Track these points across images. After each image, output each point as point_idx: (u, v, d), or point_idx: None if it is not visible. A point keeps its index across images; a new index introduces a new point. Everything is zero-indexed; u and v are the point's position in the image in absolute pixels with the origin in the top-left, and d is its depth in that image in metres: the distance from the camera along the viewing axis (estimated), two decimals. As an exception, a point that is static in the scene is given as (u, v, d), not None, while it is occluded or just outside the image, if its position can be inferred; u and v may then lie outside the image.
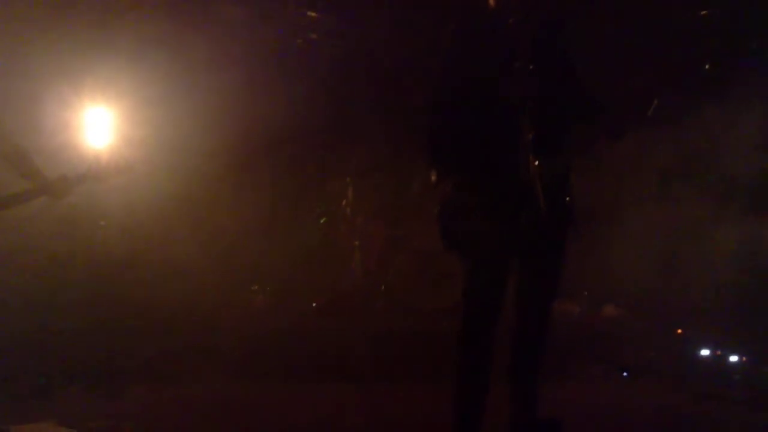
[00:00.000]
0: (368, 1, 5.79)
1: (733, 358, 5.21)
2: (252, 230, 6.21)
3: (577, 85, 3.07)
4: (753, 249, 5.52)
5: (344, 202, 6.48)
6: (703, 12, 6.11)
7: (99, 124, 5.63)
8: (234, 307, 5.89)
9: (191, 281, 5.66)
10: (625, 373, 4.93)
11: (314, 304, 6.20)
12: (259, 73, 5.98)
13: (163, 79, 5.58)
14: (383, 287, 6.22)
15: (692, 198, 5.74)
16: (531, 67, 2.84)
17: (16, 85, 5.07)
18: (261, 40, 5.92)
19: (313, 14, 6.26)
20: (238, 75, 5.83)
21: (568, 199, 2.99)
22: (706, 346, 5.31)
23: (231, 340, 5.07)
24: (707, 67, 6.06)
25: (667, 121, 5.79)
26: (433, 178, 2.99)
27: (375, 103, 6.32)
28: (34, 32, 5.17)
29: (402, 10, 5.88)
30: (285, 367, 4.87)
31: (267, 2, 5.94)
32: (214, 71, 5.58)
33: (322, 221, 6.54)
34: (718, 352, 5.29)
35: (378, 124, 6.29)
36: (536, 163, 2.79)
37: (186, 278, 5.66)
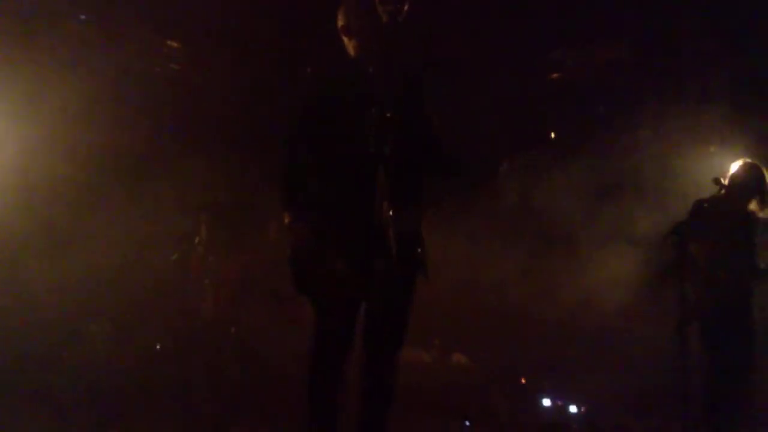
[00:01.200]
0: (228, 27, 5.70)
1: (573, 409, 5.40)
2: (97, 265, 5.85)
3: (432, 135, 3.11)
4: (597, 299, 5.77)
5: (197, 240, 6.26)
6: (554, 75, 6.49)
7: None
8: (75, 342, 5.55)
9: (32, 312, 5.28)
10: (467, 422, 4.99)
11: (158, 346, 5.90)
12: (115, 95, 5.72)
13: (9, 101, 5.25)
14: (233, 330, 6.02)
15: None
16: (388, 115, 2.86)
17: None
18: (118, 65, 5.68)
19: (175, 44, 6.09)
20: (91, 97, 5.55)
21: (419, 248, 3.01)
22: (547, 396, 5.48)
23: (68, 378, 4.76)
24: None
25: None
26: (286, 220, 2.92)
27: (233, 137, 6.21)
28: None
29: (267, 46, 5.85)
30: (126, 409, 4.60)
31: (126, 30, 5.72)
32: (61, 92, 5.28)
33: (174, 257, 6.26)
34: (559, 402, 5.47)
35: (236, 160, 6.17)
36: (390, 211, 2.80)
37: (28, 309, 5.28)
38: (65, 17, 5.61)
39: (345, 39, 3.09)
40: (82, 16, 5.65)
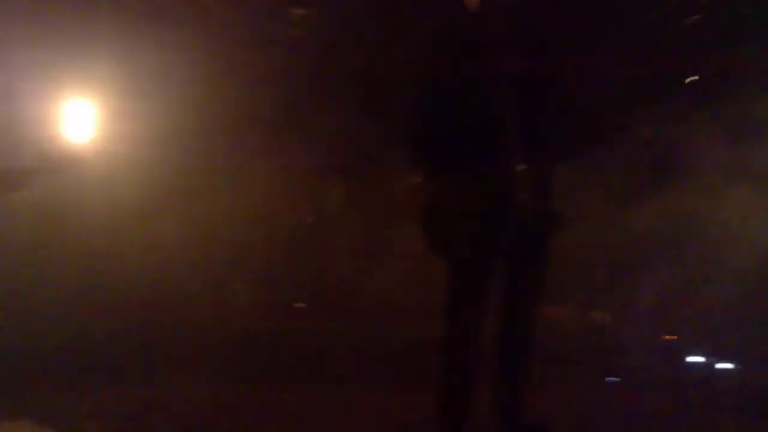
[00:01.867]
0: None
1: (724, 366, 5.18)
2: (237, 228, 6.13)
3: (561, 90, 3.02)
4: (744, 253, 5.48)
5: (331, 200, 6.42)
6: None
7: (81, 117, 5.59)
8: (216, 306, 5.80)
9: (171, 279, 5.59)
10: (612, 379, 4.90)
11: (299, 305, 6.14)
12: (247, 71, 5.91)
13: (148, 74, 5.51)
14: (369, 289, 6.15)
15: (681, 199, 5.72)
16: (516, 74, 2.80)
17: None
18: (249, 39, 5.85)
19: (300, 11, 6.19)
20: (225, 73, 5.77)
21: (551, 203, 2.98)
22: (694, 353, 5.29)
23: (212, 339, 5.01)
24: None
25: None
26: (417, 179, 2.97)
27: (361, 103, 6.26)
28: (17, 26, 5.10)
29: (389, 11, 5.82)
30: (267, 369, 4.79)
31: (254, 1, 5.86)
32: (201, 68, 5.50)
33: (308, 220, 6.47)
34: (709, 359, 5.26)
35: (365, 125, 6.23)
36: (520, 167, 2.79)
37: (166, 276, 5.59)
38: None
39: None
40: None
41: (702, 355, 5.27)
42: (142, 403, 4.09)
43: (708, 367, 5.23)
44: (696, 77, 5.94)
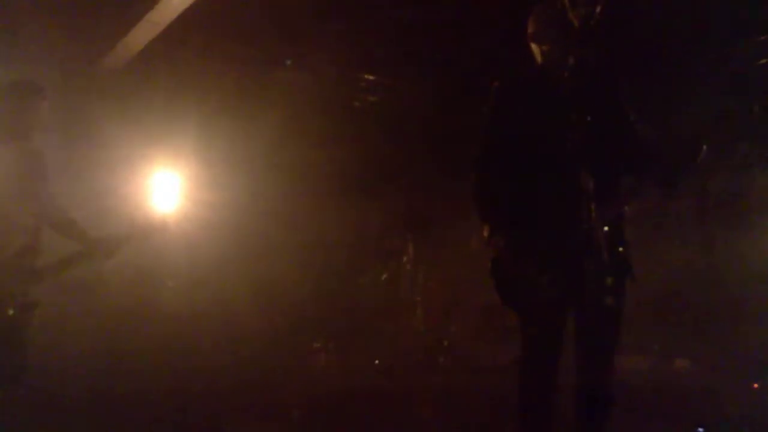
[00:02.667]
0: (418, 60, 5.90)
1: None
2: (314, 290, 6.27)
3: (630, 133, 3.06)
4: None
5: (405, 259, 6.51)
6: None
7: (167, 187, 5.85)
8: (297, 365, 5.93)
9: (256, 340, 5.72)
10: (701, 429, 4.73)
11: (377, 362, 6.18)
12: (319, 135, 6.14)
13: (227, 143, 5.78)
14: (446, 343, 6.17)
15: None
16: (588, 119, 2.86)
17: (89, 152, 5.35)
18: (319, 103, 6.09)
19: (371, 77, 6.41)
20: (299, 137, 6.00)
21: (622, 248, 2.94)
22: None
23: (295, 399, 5.07)
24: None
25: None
26: (485, 233, 2.97)
27: (432, 158, 6.40)
28: (104, 103, 5.42)
29: (453, 67, 5.98)
30: (349, 427, 4.82)
31: (329, 69, 6.12)
32: (275, 134, 5.74)
33: (383, 278, 6.57)
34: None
35: (436, 180, 6.35)
36: (596, 212, 2.78)
37: (250, 338, 5.73)
38: (273, 64, 6.10)
39: (533, 46, 3.10)
40: (288, 61, 6.12)
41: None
42: None
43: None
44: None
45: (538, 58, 3.09)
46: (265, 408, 4.94)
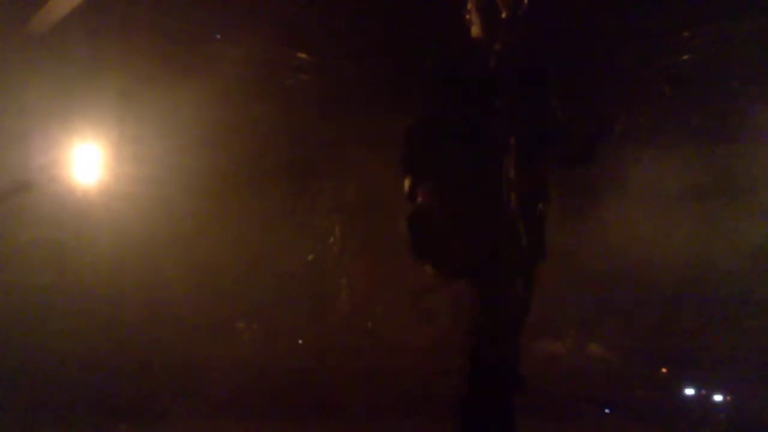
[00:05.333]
0: (352, 35, 5.88)
1: (718, 398, 5.21)
2: (239, 267, 6.22)
3: (557, 126, 3.13)
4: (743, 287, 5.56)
5: (331, 240, 6.52)
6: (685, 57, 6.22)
7: (88, 160, 5.70)
8: (220, 344, 5.88)
9: (177, 318, 5.65)
10: (607, 410, 4.93)
11: (300, 342, 6.19)
12: (247, 111, 6.06)
13: (151, 117, 5.65)
14: (370, 325, 6.23)
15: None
16: (509, 102, 2.92)
17: (6, 123, 5.15)
18: (250, 80, 6.01)
19: (303, 55, 6.36)
20: (227, 114, 5.91)
21: (539, 230, 3.03)
22: (690, 386, 5.32)
23: (217, 378, 5.04)
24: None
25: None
26: (407, 184, 2.99)
27: (363, 139, 6.41)
28: (23, 72, 5.23)
29: (386, 41, 5.98)
30: (271, 406, 4.83)
31: (260, 45, 6.03)
32: (202, 109, 5.64)
33: (309, 258, 6.57)
34: (703, 392, 5.30)
35: (367, 162, 6.37)
36: (517, 201, 2.85)
37: (172, 315, 5.65)
38: (203, 38, 5.98)
39: (468, 24, 3.16)
40: (217, 36, 6.01)
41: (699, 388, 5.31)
42: None
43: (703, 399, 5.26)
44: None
45: (473, 35, 3.14)
46: (190, 388, 4.88)
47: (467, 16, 3.16)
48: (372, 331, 6.20)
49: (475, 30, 3.12)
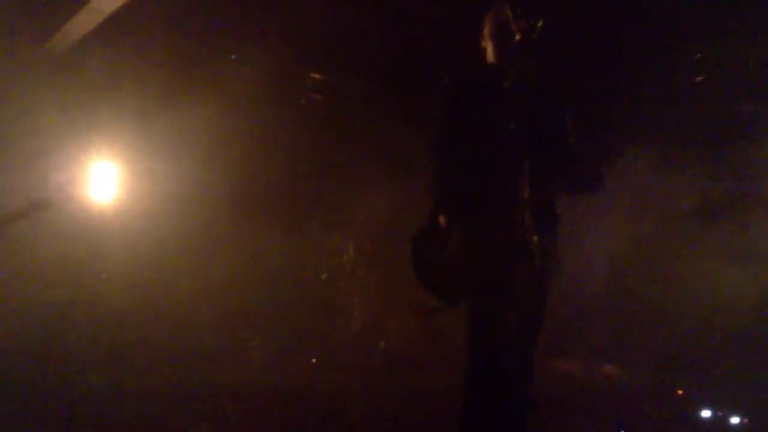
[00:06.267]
0: (366, 57, 5.93)
1: (735, 420, 5.16)
2: (253, 284, 6.24)
3: (571, 148, 3.14)
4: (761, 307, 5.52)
5: (345, 258, 6.54)
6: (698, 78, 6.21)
7: (105, 178, 5.76)
8: (233, 362, 5.88)
9: (191, 335, 5.67)
10: (622, 431, 4.88)
11: (314, 360, 6.19)
12: (262, 130, 6.12)
13: (168, 135, 5.71)
14: (383, 344, 6.22)
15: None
16: (526, 128, 2.93)
17: (25, 142, 5.22)
18: (264, 100, 6.07)
19: (317, 76, 6.41)
20: (242, 132, 5.97)
21: (552, 249, 3.04)
22: (707, 407, 5.27)
23: (230, 396, 5.05)
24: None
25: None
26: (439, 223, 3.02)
27: (376, 158, 6.44)
28: (41, 90, 5.31)
29: (399, 64, 6.02)
30: (285, 424, 4.82)
31: (274, 65, 6.09)
32: (218, 128, 5.70)
33: (323, 277, 6.58)
34: (720, 414, 5.25)
35: (379, 180, 6.39)
36: (530, 218, 2.88)
37: (186, 332, 5.67)
38: (217, 58, 6.04)
39: (484, 46, 3.19)
40: (233, 56, 6.08)
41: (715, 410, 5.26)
42: None
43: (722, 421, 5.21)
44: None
45: (488, 58, 3.17)
46: (198, 403, 4.89)
47: (483, 42, 3.18)
48: (385, 350, 6.19)
49: (490, 55, 3.14)
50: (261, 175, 6.24)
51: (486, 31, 3.17)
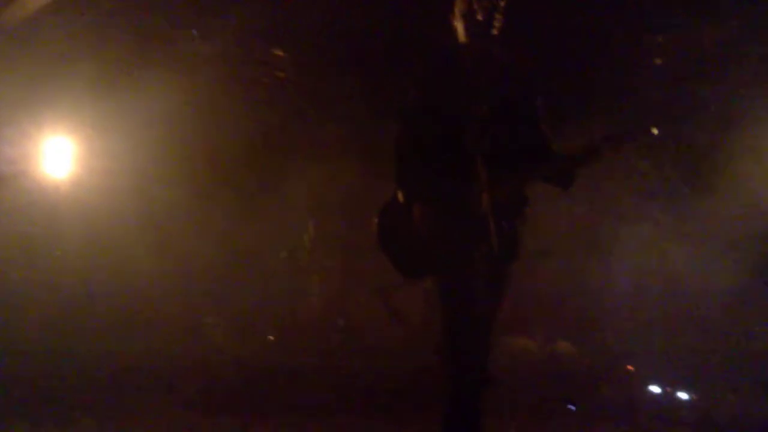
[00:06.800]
0: (330, 34, 5.89)
1: (683, 396, 5.31)
2: (211, 262, 6.21)
3: (538, 134, 3.17)
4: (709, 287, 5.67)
5: (305, 238, 6.53)
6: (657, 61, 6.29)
7: (59, 153, 5.66)
8: (190, 339, 5.86)
9: (149, 312, 5.63)
10: (572, 407, 5.00)
11: (271, 338, 6.19)
12: (222, 107, 6.06)
13: (124, 111, 5.63)
14: (341, 323, 6.25)
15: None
16: (490, 111, 2.96)
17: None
18: (225, 76, 6.00)
19: (280, 53, 6.35)
20: (201, 109, 5.90)
21: (513, 231, 3.07)
22: (655, 383, 5.41)
23: (187, 373, 5.04)
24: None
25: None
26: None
27: (339, 138, 6.43)
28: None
29: (371, 43, 5.99)
30: (242, 402, 4.83)
31: (233, 41, 6.01)
32: (176, 104, 5.63)
33: (282, 255, 6.56)
34: (668, 389, 5.39)
35: (342, 161, 6.39)
36: (488, 199, 2.90)
37: (143, 309, 5.63)
38: (178, 34, 5.95)
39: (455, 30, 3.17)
40: (194, 31, 5.99)
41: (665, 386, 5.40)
42: None
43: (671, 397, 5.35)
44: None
45: (455, 37, 3.16)
46: (160, 382, 4.88)
47: (453, 12, 3.16)
48: (343, 329, 6.22)
49: (456, 33, 3.14)
50: (220, 152, 6.18)
51: (454, 9, 3.18)
